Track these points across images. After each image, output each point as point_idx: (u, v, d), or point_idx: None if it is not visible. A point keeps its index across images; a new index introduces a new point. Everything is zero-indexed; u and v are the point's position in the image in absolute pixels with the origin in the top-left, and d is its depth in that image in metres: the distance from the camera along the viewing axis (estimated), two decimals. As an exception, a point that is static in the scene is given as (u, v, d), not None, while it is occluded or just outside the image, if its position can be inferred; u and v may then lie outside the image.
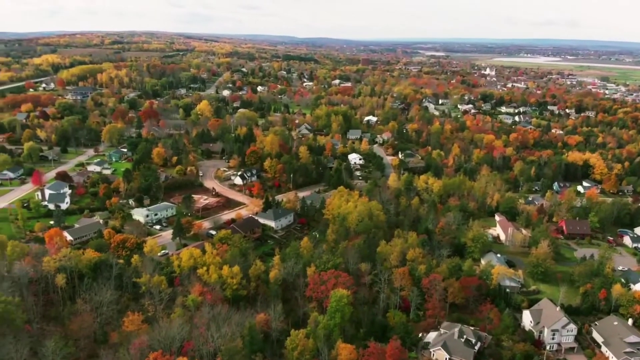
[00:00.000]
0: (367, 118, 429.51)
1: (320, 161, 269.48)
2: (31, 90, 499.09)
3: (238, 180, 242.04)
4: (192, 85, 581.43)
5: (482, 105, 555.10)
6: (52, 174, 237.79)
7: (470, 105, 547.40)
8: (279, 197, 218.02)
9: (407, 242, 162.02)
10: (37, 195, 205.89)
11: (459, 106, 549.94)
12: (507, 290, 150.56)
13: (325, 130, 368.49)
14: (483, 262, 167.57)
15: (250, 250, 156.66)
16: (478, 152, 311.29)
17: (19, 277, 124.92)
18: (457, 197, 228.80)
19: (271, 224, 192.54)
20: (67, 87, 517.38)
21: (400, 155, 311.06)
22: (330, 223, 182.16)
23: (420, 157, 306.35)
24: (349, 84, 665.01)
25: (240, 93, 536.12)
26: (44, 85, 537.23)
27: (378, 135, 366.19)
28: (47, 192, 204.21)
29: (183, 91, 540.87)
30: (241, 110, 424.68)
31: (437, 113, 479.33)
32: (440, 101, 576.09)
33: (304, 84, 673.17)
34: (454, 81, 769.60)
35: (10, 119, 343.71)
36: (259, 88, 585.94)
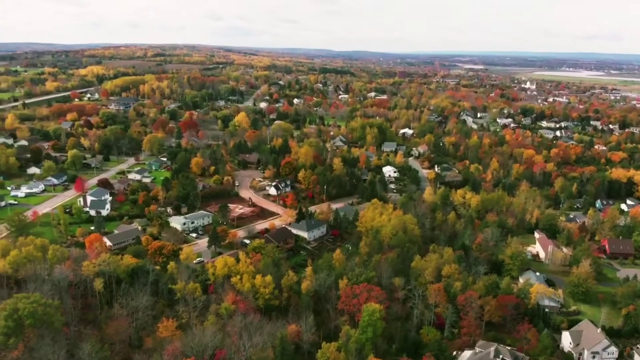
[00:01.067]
0: (402, 131, 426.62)
1: (354, 173, 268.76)
2: (76, 100, 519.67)
3: (272, 191, 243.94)
4: (230, 98, 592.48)
5: (522, 119, 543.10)
6: (94, 181, 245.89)
7: (510, 119, 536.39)
8: (312, 208, 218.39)
9: (442, 257, 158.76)
10: (79, 201, 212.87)
11: (498, 120, 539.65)
12: (546, 310, 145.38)
13: (359, 143, 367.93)
14: (521, 280, 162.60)
15: (282, 260, 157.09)
16: (517, 167, 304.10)
17: (59, 280, 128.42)
18: (495, 212, 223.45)
19: (304, 234, 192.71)
20: (110, 98, 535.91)
21: (436, 169, 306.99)
22: (364, 236, 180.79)
23: (457, 171, 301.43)
24: (384, 97, 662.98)
25: (276, 105, 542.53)
26: (88, 95, 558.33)
27: (414, 148, 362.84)
28: (89, 198, 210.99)
29: (222, 103, 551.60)
30: (277, 122, 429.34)
31: (475, 126, 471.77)
32: (478, 114, 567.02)
33: (340, 96, 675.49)
34: (493, 94, 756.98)
35: (55, 127, 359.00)
36: (295, 100, 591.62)
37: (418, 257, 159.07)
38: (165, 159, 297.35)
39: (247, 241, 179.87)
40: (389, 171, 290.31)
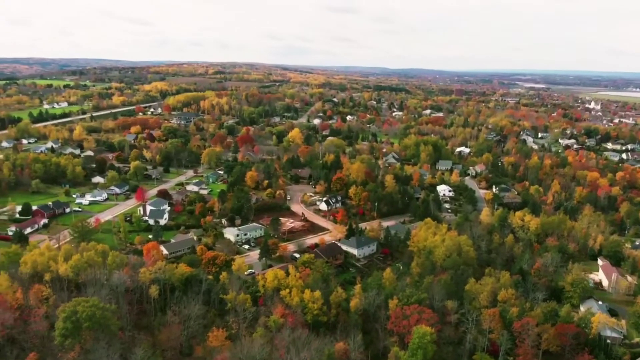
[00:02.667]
0: (459, 149, 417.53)
1: (406, 191, 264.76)
2: (140, 114, 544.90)
3: (323, 206, 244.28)
4: (285, 114, 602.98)
5: (586, 140, 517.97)
6: (154, 191, 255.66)
7: (573, 140, 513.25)
8: (362, 225, 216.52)
9: (498, 281, 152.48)
10: (139, 210, 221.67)
11: (560, 140, 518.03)
12: (608, 341, 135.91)
13: (413, 160, 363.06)
14: (582, 308, 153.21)
15: (331, 276, 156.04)
16: (580, 190, 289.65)
17: (116, 285, 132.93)
18: (555, 237, 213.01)
19: (353, 251, 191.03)
20: (172, 112, 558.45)
21: (494, 189, 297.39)
22: (415, 256, 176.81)
23: (516, 192, 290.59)
24: (440, 114, 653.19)
25: (330, 122, 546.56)
26: (152, 109, 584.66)
27: (470, 167, 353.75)
28: (149, 208, 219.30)
29: (277, 119, 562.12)
30: (330, 138, 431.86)
31: (535, 147, 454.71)
32: (539, 135, 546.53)
33: (394, 113, 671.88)
34: (554, 114, 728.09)
35: (120, 139, 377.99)
36: (349, 117, 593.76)
37: (473, 280, 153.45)
38: (222, 172, 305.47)
39: (297, 255, 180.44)
40: (443, 190, 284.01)
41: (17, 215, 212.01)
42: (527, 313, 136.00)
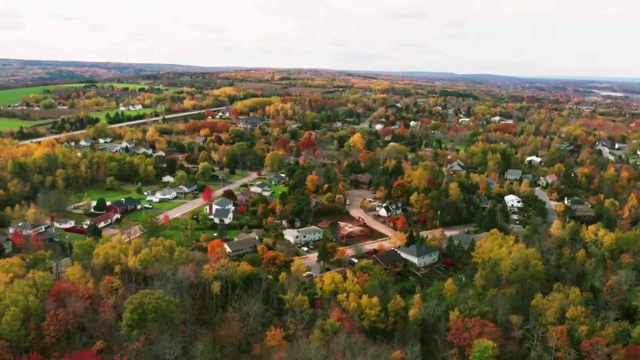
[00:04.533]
0: (529, 158, 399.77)
1: (472, 200, 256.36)
2: (209, 117, 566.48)
3: (383, 212, 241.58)
4: (347, 119, 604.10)
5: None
6: (220, 191, 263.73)
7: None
8: (423, 233, 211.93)
9: (567, 298, 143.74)
10: (206, 209, 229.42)
11: (638, 152, 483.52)
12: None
13: (480, 168, 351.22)
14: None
15: (390, 283, 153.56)
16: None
17: (181, 280, 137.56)
18: (631, 253, 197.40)
19: (414, 260, 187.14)
20: (239, 117, 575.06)
21: (566, 201, 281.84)
22: (479, 267, 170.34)
23: (589, 205, 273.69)
24: (510, 122, 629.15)
25: (392, 127, 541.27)
26: (220, 113, 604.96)
27: (541, 178, 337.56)
28: (214, 207, 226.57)
29: (339, 124, 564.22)
30: (392, 143, 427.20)
31: (612, 158, 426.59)
32: (616, 145, 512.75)
33: (460, 119, 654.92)
34: (633, 124, 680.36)
35: (190, 141, 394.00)
36: (412, 123, 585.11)
37: (540, 295, 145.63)
38: (283, 175, 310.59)
39: (355, 260, 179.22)
40: (511, 200, 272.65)
41: (92, 210, 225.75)
42: (597, 332, 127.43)
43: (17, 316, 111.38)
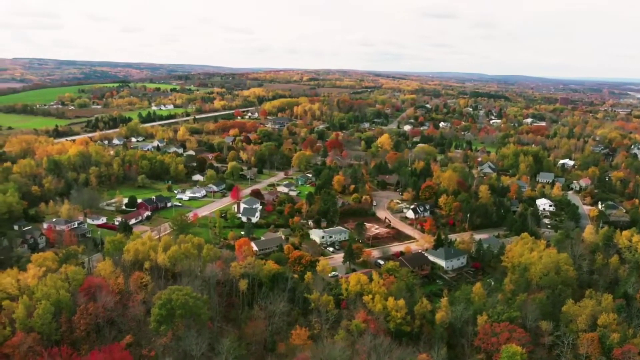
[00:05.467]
0: (562, 161, 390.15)
1: (502, 203, 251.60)
2: (238, 117, 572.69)
3: (410, 214, 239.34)
4: (375, 120, 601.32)
5: None
6: (247, 190, 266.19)
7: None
8: (452, 236, 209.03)
9: (599, 304, 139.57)
10: (234, 208, 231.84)
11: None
12: None
13: (511, 171, 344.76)
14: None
15: (417, 286, 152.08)
16: None
17: (209, 277, 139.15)
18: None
19: (441, 263, 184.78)
20: (268, 117, 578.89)
21: (600, 206, 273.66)
22: (509, 272, 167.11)
23: (624, 210, 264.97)
24: (543, 124, 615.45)
25: (421, 128, 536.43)
26: (249, 114, 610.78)
27: (574, 181, 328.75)
28: (242, 206, 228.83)
29: (367, 125, 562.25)
30: (420, 144, 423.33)
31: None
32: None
33: (491, 121, 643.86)
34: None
35: (219, 140, 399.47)
36: (442, 124, 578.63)
37: (571, 301, 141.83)
38: (310, 175, 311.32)
39: (381, 262, 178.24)
40: (543, 204, 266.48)
41: (124, 207, 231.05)
42: (630, 340, 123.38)
43: (48, 309, 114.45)
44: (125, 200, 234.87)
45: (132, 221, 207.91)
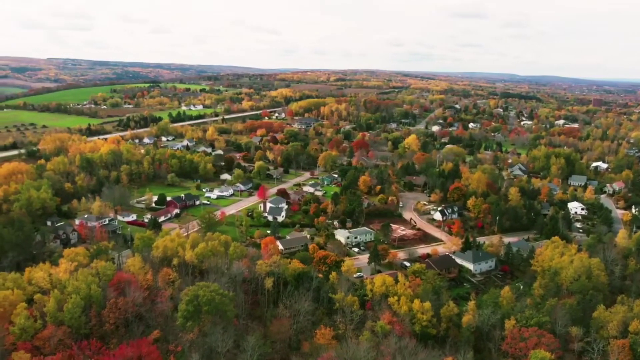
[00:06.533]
0: (595, 164, 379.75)
1: (533, 206, 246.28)
2: (266, 118, 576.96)
3: (437, 216, 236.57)
4: (403, 120, 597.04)
5: None
6: (274, 190, 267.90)
7: None
8: (480, 239, 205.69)
9: (631, 311, 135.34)
10: (260, 207, 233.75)
11: None
12: None
13: (542, 173, 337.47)
14: None
15: (443, 289, 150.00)
16: None
17: (235, 275, 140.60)
18: None
19: (469, 266, 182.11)
20: (294, 117, 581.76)
21: (633, 210, 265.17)
22: (539, 276, 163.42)
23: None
24: (575, 125, 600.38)
25: (450, 129, 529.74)
26: (276, 114, 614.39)
27: (607, 185, 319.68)
28: (268, 205, 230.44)
29: (394, 125, 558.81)
30: (449, 145, 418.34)
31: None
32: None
33: (522, 122, 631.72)
34: None
35: (247, 140, 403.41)
36: (471, 125, 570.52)
37: (602, 307, 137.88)
38: (336, 176, 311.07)
39: (407, 264, 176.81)
40: (575, 207, 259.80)
41: (153, 205, 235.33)
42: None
43: (78, 304, 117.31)
44: (155, 198, 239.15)
45: (162, 218, 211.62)
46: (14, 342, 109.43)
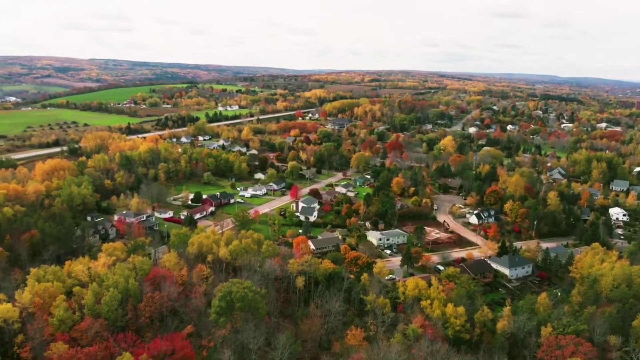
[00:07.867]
0: (638, 169, 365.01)
1: (572, 211, 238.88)
2: (300, 118, 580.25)
3: (473, 219, 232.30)
4: (438, 122, 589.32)
5: None
6: (306, 190, 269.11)
7: None
8: (517, 244, 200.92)
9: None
10: (293, 206, 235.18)
11: None
12: None
13: (582, 178, 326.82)
14: None
15: (478, 294, 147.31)
16: None
17: (267, 272, 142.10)
18: None
19: (505, 271, 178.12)
20: (328, 118, 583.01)
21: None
22: (577, 283, 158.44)
23: None
24: (618, 129, 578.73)
25: (487, 131, 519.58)
26: (310, 115, 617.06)
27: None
28: (301, 205, 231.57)
29: (429, 126, 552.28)
30: (486, 147, 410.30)
31: None
32: None
33: (563, 125, 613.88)
34: None
35: (281, 141, 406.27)
36: (509, 127, 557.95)
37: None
38: (369, 176, 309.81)
39: (441, 267, 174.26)
40: (617, 213, 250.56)
41: (190, 202, 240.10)
42: None
43: (115, 297, 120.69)
44: (191, 196, 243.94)
45: (197, 216, 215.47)
46: (53, 333, 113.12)
